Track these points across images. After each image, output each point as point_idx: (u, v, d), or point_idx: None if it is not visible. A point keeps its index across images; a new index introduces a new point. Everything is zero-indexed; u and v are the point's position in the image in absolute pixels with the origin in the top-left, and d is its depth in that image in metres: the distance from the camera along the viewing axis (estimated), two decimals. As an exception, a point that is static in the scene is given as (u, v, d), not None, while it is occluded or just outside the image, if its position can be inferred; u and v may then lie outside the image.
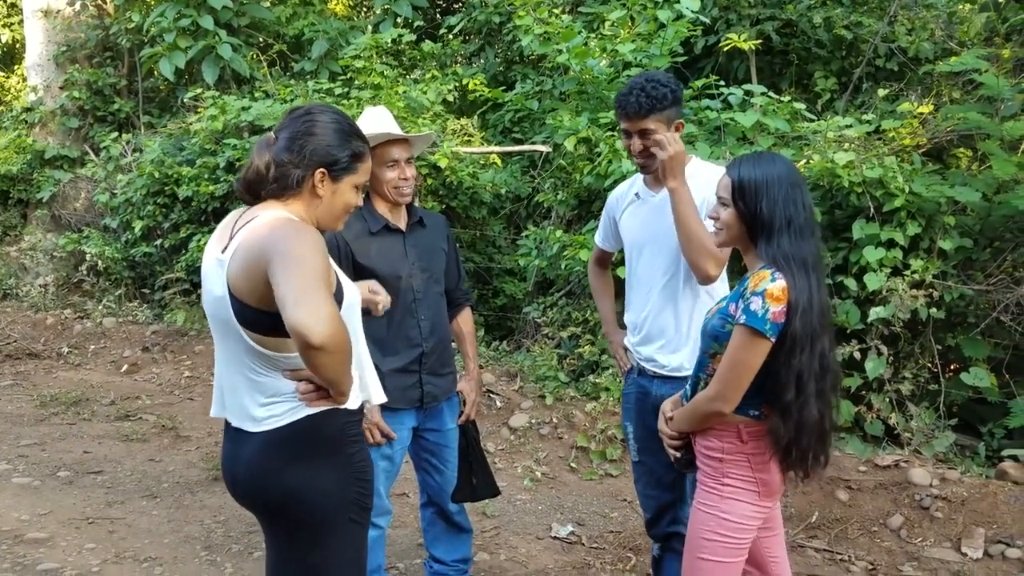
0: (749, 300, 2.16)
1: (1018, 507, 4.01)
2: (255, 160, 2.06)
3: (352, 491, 2.07)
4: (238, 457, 2.09)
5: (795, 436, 2.19)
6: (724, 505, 2.30)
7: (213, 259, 2.03)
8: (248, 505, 2.15)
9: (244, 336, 1.98)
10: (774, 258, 2.19)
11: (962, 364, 4.91)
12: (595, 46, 5.75)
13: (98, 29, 10.17)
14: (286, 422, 2.01)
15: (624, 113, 2.83)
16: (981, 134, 4.95)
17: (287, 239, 1.88)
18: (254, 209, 2.06)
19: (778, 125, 5.08)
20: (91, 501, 4.55)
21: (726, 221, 2.30)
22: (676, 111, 2.81)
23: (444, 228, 3.29)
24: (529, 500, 4.70)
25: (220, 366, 2.13)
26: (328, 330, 1.73)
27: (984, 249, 4.90)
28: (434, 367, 3.13)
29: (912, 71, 6.55)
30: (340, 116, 2.12)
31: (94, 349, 7.75)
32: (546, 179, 6.80)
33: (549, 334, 6.20)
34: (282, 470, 2.02)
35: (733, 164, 2.31)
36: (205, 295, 2.07)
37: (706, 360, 2.33)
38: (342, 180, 2.10)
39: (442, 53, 8.88)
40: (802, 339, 2.14)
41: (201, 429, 5.75)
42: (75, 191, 9.80)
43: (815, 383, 2.18)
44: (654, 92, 2.75)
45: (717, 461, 2.33)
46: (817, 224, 2.32)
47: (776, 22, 6.93)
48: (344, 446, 2.08)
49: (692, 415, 2.36)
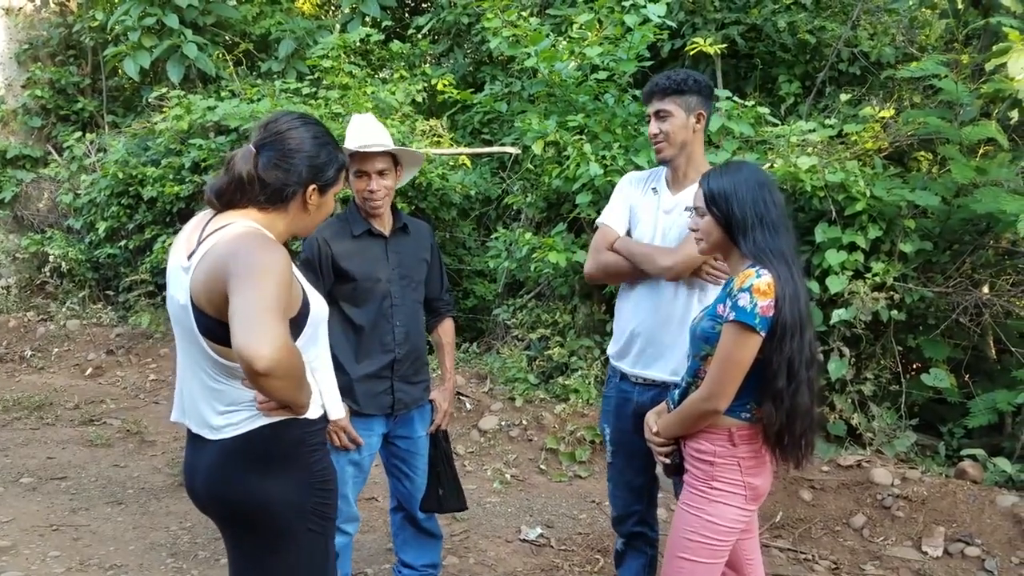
0: (737, 297, 2.22)
1: (977, 506, 4.10)
2: (238, 169, 2.02)
3: (311, 500, 2.07)
4: (197, 464, 2.09)
5: (787, 422, 2.26)
6: (711, 508, 2.34)
7: (178, 265, 2.01)
8: (208, 512, 2.15)
9: (204, 344, 1.97)
10: (754, 253, 2.28)
11: (923, 365, 5.00)
12: (563, 49, 5.78)
13: (61, 27, 10.02)
14: (244, 431, 2.00)
15: (646, 94, 2.92)
16: (941, 138, 5.04)
17: (250, 255, 1.86)
18: (226, 215, 2.03)
19: (743, 129, 5.14)
20: (55, 508, 4.50)
21: (705, 229, 2.39)
22: (699, 100, 2.86)
23: (428, 236, 3.27)
24: (499, 503, 4.72)
25: (181, 371, 2.12)
26: (274, 356, 1.69)
27: (944, 252, 5.00)
28: (406, 374, 3.13)
29: (874, 75, 6.65)
30: (319, 128, 2.13)
31: (57, 352, 7.65)
32: (515, 181, 6.81)
33: (519, 336, 6.22)
34: (240, 479, 2.01)
35: (703, 177, 2.42)
36: (169, 300, 2.06)
37: (697, 363, 2.38)
38: (328, 192, 2.14)
39: (411, 53, 8.85)
40: (792, 326, 2.22)
41: (166, 434, 5.71)
42: (38, 191, 9.64)
43: (805, 370, 2.25)
44: (675, 76, 2.86)
45: (707, 464, 2.36)
46: (789, 220, 2.40)
47: (741, 26, 7.00)
48: (303, 455, 2.07)
49: (685, 418, 2.39)
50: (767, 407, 2.27)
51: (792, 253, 2.31)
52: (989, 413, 4.58)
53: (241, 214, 2.03)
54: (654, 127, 2.88)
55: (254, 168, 2.02)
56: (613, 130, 5.54)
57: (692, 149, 2.90)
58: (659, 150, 2.90)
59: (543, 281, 6.28)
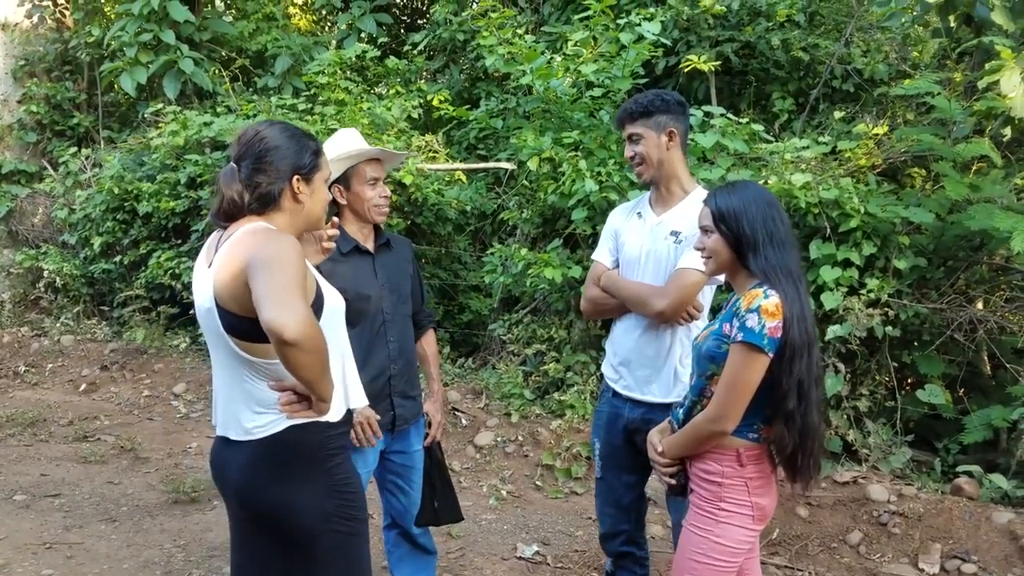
0: (745, 318, 2.22)
1: (973, 523, 4.10)
2: (226, 191, 2.13)
3: (334, 503, 2.12)
4: (229, 465, 2.16)
5: (800, 442, 2.26)
6: (719, 529, 2.33)
7: (201, 274, 2.13)
8: (236, 511, 2.20)
9: (231, 344, 2.05)
10: (764, 271, 2.28)
11: (918, 381, 5.01)
12: (558, 66, 5.81)
13: (57, 43, 10.05)
14: (269, 433, 2.08)
15: (617, 120, 3.01)
16: (934, 155, 5.07)
17: (266, 245, 1.96)
18: (234, 225, 2.13)
19: (737, 146, 5.17)
20: (48, 525, 4.47)
21: (713, 248, 2.38)
22: (668, 118, 2.91)
23: (409, 250, 3.32)
24: (494, 520, 4.70)
25: (216, 378, 2.20)
26: (302, 327, 1.77)
27: (938, 268, 5.02)
28: (404, 389, 3.14)
29: (867, 92, 6.69)
30: (284, 124, 2.23)
31: (51, 368, 7.62)
32: (511, 197, 6.83)
33: (514, 351, 6.22)
34: (266, 483, 2.09)
35: (710, 195, 2.42)
36: (197, 309, 2.15)
37: (703, 383, 2.37)
38: (314, 179, 2.21)
39: (407, 69, 8.89)
40: (800, 347, 2.22)
41: (160, 450, 5.68)
42: (33, 206, 9.64)
43: (814, 389, 2.26)
44: (643, 99, 2.92)
45: (715, 485, 2.35)
46: (795, 238, 2.42)
47: (735, 44, 7.04)
48: (324, 459, 2.13)
49: (690, 439, 2.38)
50: (779, 428, 2.27)
51: (799, 271, 2.33)
52: (984, 429, 4.59)
53: (247, 220, 2.13)
54: (628, 151, 2.98)
55: (240, 181, 2.12)
56: (608, 147, 5.57)
57: (670, 165, 2.95)
58: (638, 173, 2.99)
59: (539, 296, 6.28)
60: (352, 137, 3.06)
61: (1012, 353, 5.09)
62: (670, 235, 2.89)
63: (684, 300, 2.80)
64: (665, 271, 2.88)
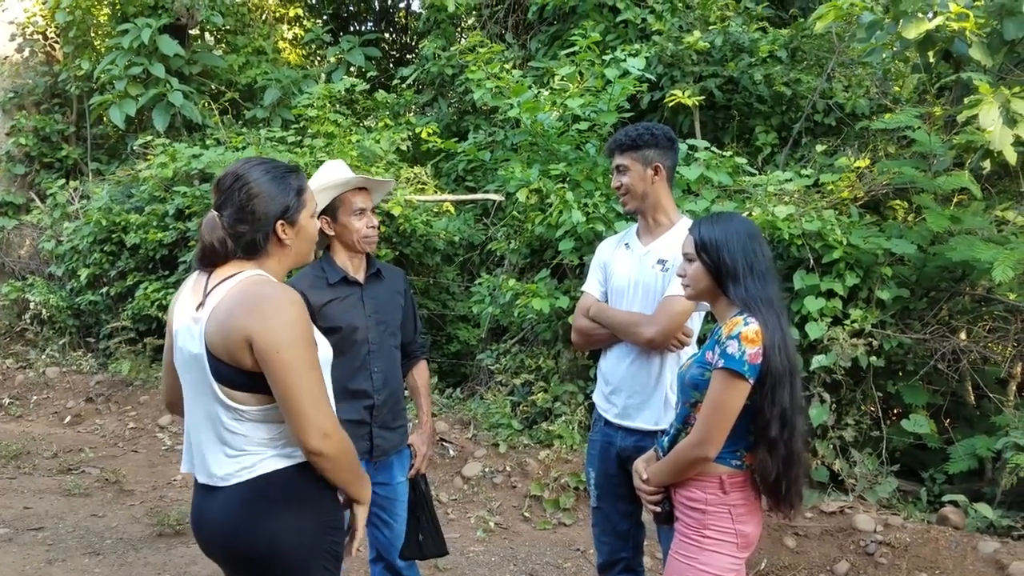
0: (725, 344, 2.25)
1: (959, 552, 4.11)
2: (206, 238, 2.09)
3: (325, 540, 2.09)
4: (207, 510, 2.09)
5: (784, 470, 2.28)
6: (703, 557, 2.34)
7: (188, 317, 2.05)
8: (216, 558, 2.14)
9: (217, 391, 2.00)
10: (743, 300, 2.32)
11: (903, 410, 5.05)
12: (545, 100, 5.89)
13: (47, 76, 10.11)
14: (256, 474, 2.03)
15: (607, 150, 3.09)
16: (916, 188, 5.15)
17: (273, 318, 1.95)
18: (222, 269, 2.08)
19: (721, 179, 5.24)
20: (31, 559, 4.42)
21: (693, 276, 2.43)
22: (656, 152, 2.98)
23: (402, 281, 3.30)
24: (482, 551, 4.68)
25: (190, 422, 2.14)
26: (332, 441, 1.98)
27: (921, 299, 5.07)
28: (385, 420, 3.12)
29: (849, 126, 6.80)
30: (266, 163, 2.16)
31: (36, 400, 7.56)
32: (499, 227, 6.88)
33: (502, 381, 6.22)
34: (254, 524, 2.02)
35: (695, 225, 2.47)
36: (178, 353, 2.09)
37: (687, 410, 2.39)
38: (299, 219, 2.16)
39: (395, 103, 8.98)
40: (781, 375, 2.25)
41: (145, 483, 5.64)
42: (20, 238, 9.63)
43: (799, 417, 2.28)
44: (632, 132, 3.00)
45: (699, 512, 2.36)
46: (776, 271, 2.46)
47: (718, 79, 7.16)
48: (314, 496, 2.09)
49: (674, 465, 2.39)
50: (762, 456, 2.28)
51: (780, 302, 2.36)
52: (969, 459, 4.62)
53: (239, 265, 2.09)
54: (615, 181, 3.05)
55: (222, 230, 2.08)
56: (595, 178, 5.63)
57: (655, 197, 3.01)
58: (623, 203, 3.08)
59: (527, 326, 6.31)
60: (337, 167, 3.06)
61: (995, 383, 5.13)
62: (657, 263, 2.94)
63: (673, 327, 2.84)
64: (654, 299, 2.92)
